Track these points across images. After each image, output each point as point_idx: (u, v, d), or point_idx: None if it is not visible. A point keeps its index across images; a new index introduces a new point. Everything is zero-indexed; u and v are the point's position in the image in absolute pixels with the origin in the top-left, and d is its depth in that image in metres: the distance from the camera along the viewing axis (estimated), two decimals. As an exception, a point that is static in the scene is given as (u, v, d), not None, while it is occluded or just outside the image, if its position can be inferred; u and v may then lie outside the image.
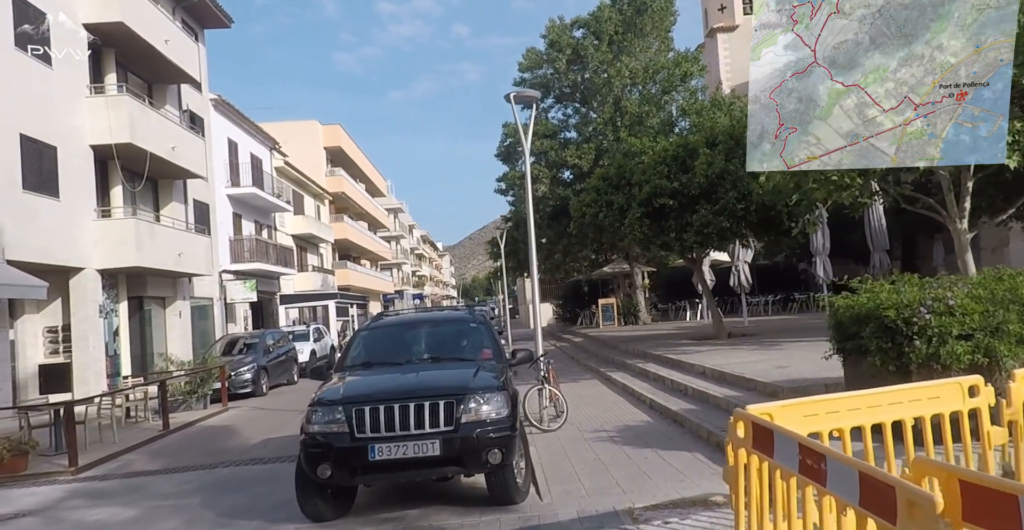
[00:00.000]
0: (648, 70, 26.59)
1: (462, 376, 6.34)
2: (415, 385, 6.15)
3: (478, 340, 7.55)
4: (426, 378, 6.40)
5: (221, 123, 28.11)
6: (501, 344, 7.80)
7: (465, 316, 8.20)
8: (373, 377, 6.72)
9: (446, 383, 6.21)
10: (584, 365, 18.49)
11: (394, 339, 7.68)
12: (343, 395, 6.08)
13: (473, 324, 7.78)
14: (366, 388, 6.36)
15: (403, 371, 6.63)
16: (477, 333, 7.65)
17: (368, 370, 7.02)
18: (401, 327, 8.02)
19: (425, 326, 8.01)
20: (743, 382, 9.70)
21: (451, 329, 7.92)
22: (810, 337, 15.20)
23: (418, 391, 5.96)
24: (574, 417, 10.46)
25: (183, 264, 21.09)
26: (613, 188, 17.58)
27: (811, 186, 11.77)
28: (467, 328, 7.80)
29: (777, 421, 4.18)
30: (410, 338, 7.66)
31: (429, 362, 7.09)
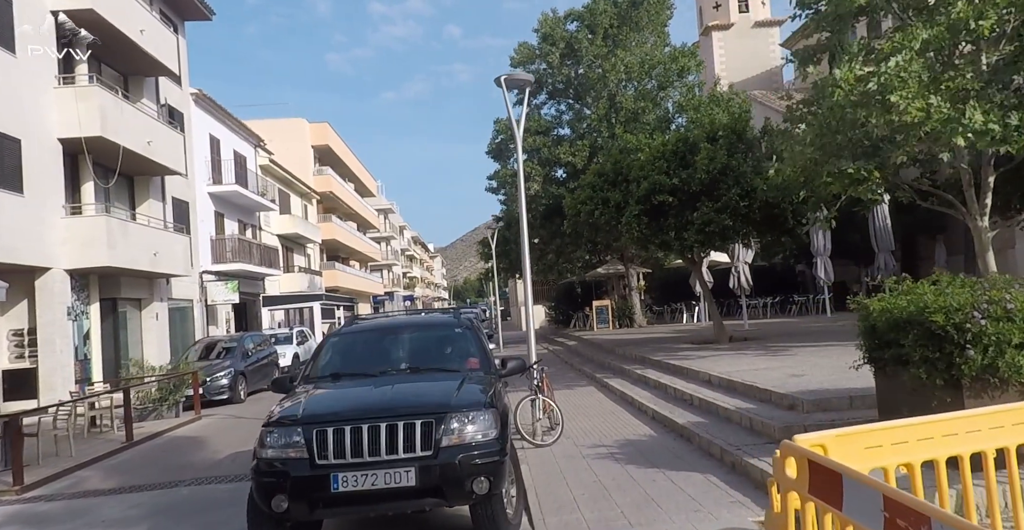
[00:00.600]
0: (644, 65, 25.77)
1: (444, 390, 5.48)
2: (388, 401, 5.27)
3: (464, 348, 6.69)
4: (402, 393, 5.52)
5: (202, 119, 27.15)
6: (490, 352, 6.94)
7: (449, 320, 7.32)
8: (340, 391, 5.85)
9: (425, 399, 5.35)
10: (579, 370, 17.64)
11: (368, 346, 6.79)
12: (303, 413, 5.20)
13: (458, 329, 6.91)
14: (331, 405, 5.49)
15: (376, 384, 5.74)
16: (463, 340, 6.78)
17: (336, 383, 6.15)
18: (376, 333, 7.13)
19: (403, 332, 7.13)
20: (755, 392, 8.86)
21: (433, 335, 7.03)
22: (819, 342, 14.41)
23: (392, 409, 5.09)
24: (570, 430, 9.61)
25: (159, 264, 20.14)
26: (609, 185, 16.75)
27: (825, 180, 10.96)
28: (451, 334, 6.93)
29: (833, 454, 3.32)
30: (386, 345, 6.78)
31: (407, 373, 6.22)
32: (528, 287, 10.18)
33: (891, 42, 9.96)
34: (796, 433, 7.21)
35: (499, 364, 6.62)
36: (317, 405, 5.42)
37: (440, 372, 6.19)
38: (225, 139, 29.41)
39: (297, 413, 5.21)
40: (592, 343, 21.93)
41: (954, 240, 29.15)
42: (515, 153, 28.55)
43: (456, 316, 7.22)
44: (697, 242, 15.58)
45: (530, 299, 10.12)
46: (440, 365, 6.39)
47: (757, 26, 47.56)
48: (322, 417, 5.11)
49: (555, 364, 20.07)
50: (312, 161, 45.31)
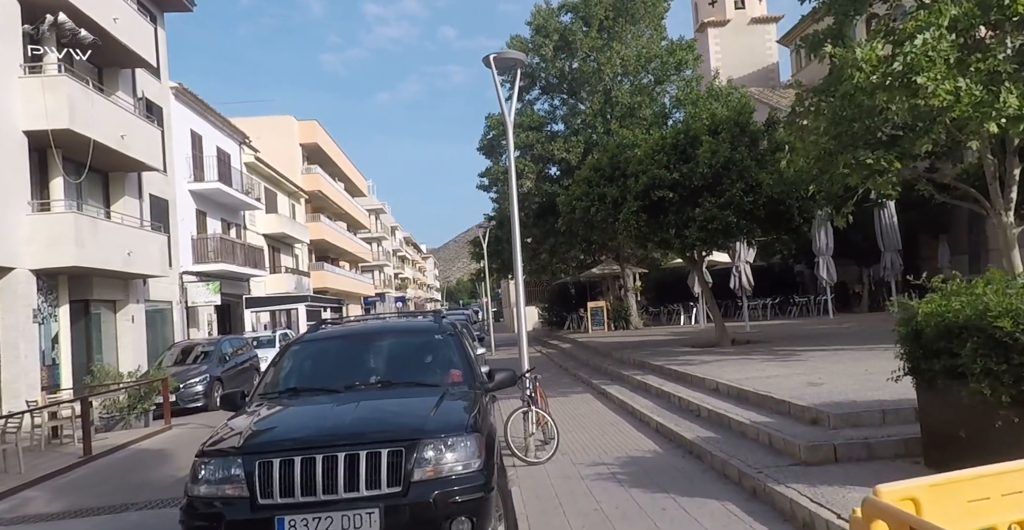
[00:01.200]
0: (640, 59, 24.94)
1: (418, 410, 4.61)
2: (350, 425, 4.37)
3: (445, 357, 5.81)
4: (368, 414, 4.62)
5: (183, 114, 26.19)
6: (476, 361, 6.07)
7: (429, 325, 6.42)
8: (295, 411, 4.96)
9: (394, 421, 4.47)
10: (574, 375, 16.78)
11: (333, 356, 5.89)
12: (245, 439, 4.31)
13: (439, 336, 6.02)
14: (280, 429, 4.60)
15: (339, 402, 4.84)
16: (444, 348, 5.89)
17: (293, 400, 5.27)
18: (343, 340, 6.21)
19: (375, 339, 6.24)
20: (771, 403, 8.00)
21: (409, 343, 6.12)
22: (828, 345, 13.59)
23: (353, 434, 4.20)
24: (566, 444, 8.74)
25: (133, 264, 19.18)
26: (606, 180, 15.90)
27: (841, 171, 10.12)
28: (431, 341, 6.05)
29: (929, 511, 2.46)
30: (354, 355, 5.88)
31: (377, 388, 5.33)
32: (520, 288, 9.31)
33: (915, 21, 9.15)
34: (825, 453, 6.38)
35: (486, 375, 5.74)
36: (264, 429, 4.52)
37: (416, 387, 5.31)
38: (208, 135, 28.44)
39: (238, 439, 4.32)
40: (587, 346, 21.08)
41: (958, 239, 28.46)
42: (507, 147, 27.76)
43: (437, 320, 6.33)
44: (699, 240, 14.76)
45: (522, 301, 9.25)
46: (417, 378, 5.50)
47: (753, 22, 46.84)
48: (268, 444, 4.22)
49: (549, 368, 19.21)
50: (300, 159, 44.33)
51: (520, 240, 26.39)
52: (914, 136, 9.78)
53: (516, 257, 9.33)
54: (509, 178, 9.66)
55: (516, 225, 9.34)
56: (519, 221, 26.82)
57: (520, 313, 9.03)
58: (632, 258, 27.78)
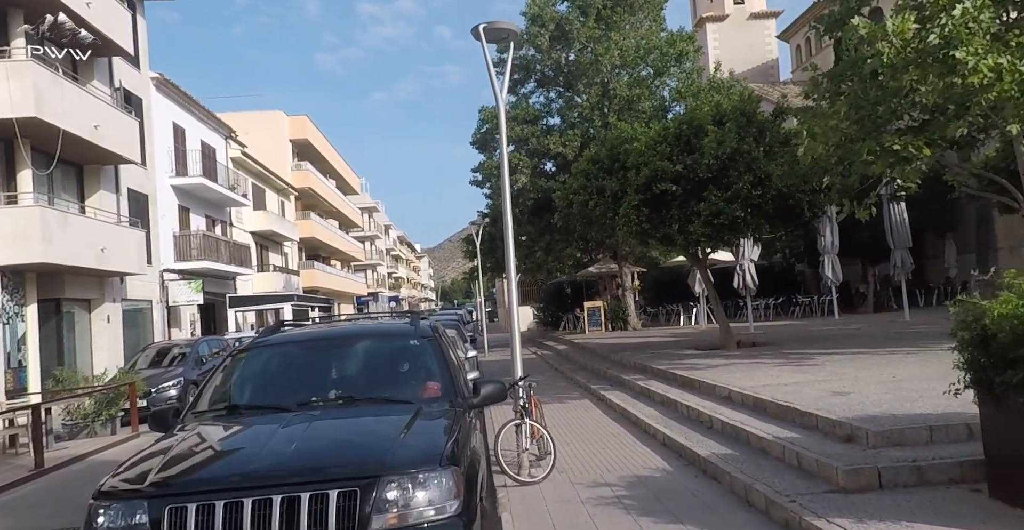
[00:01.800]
0: (639, 50, 24.04)
1: (383, 435, 3.72)
2: (293, 457, 3.45)
3: (421, 367, 4.89)
4: (317, 441, 3.71)
5: (165, 106, 25.22)
6: (459, 370, 5.16)
7: (403, 329, 5.46)
8: (228, 437, 4.05)
9: (351, 451, 3.56)
10: (571, 379, 15.89)
11: (286, 366, 4.95)
12: (157, 478, 3.40)
13: (414, 341, 5.09)
14: (203, 463, 3.68)
15: (285, 424, 3.91)
16: (420, 356, 4.96)
17: (232, 420, 4.36)
18: (301, 347, 5.23)
19: (339, 345, 5.28)
20: (793, 415, 7.12)
21: (379, 350, 5.17)
22: (842, 348, 12.73)
23: (296, 470, 3.30)
24: (564, 460, 7.85)
25: (107, 261, 18.23)
26: (605, 172, 15.01)
27: (865, 158, 9.24)
28: (405, 348, 5.12)
29: None
30: (312, 365, 4.94)
31: (337, 406, 4.40)
32: (513, 288, 8.42)
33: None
34: (868, 478, 5.44)
35: (471, 388, 4.83)
36: (183, 462, 3.61)
37: (384, 404, 4.39)
38: (191, 128, 27.46)
39: (148, 475, 3.41)
40: (584, 348, 20.19)
41: (965, 238, 27.68)
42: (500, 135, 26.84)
43: (414, 323, 5.38)
44: (704, 236, 13.87)
45: (515, 302, 8.35)
46: (385, 393, 4.57)
47: (752, 18, 46.08)
48: (184, 484, 3.31)
49: (544, 371, 18.33)
50: (291, 155, 43.38)
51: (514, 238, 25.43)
52: (945, 120, 8.92)
53: (508, 254, 8.43)
54: (501, 165, 8.76)
55: (508, 217, 8.44)
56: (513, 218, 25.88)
57: (513, 314, 8.14)
58: (630, 256, 26.90)
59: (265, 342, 5.17)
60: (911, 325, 17.29)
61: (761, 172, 13.45)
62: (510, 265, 8.54)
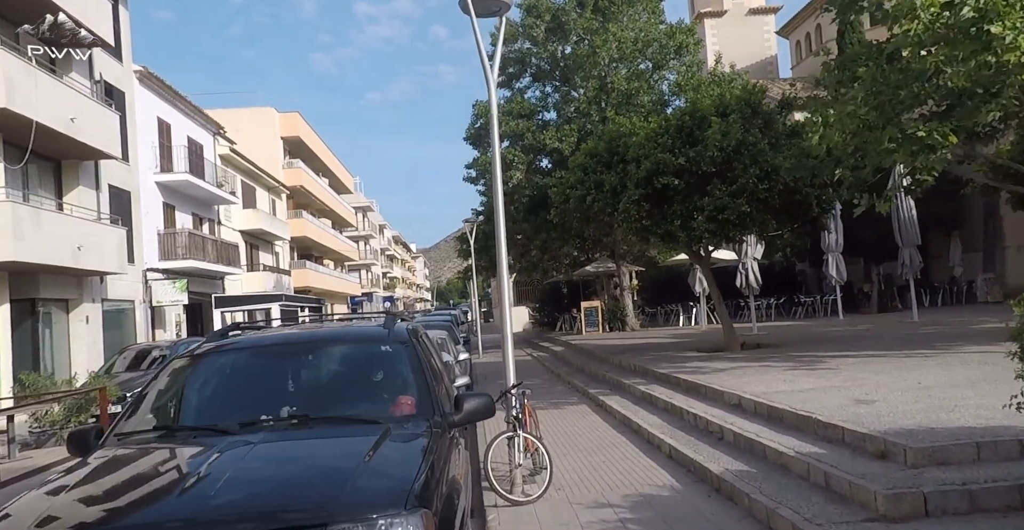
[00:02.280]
0: (638, 42, 23.35)
1: (337, 467, 3.02)
2: (217, 499, 2.72)
3: (394, 378, 4.17)
4: (256, 474, 2.99)
5: (149, 100, 24.46)
6: (441, 380, 4.44)
7: (374, 332, 4.71)
8: (149, 470, 3.31)
9: (293, 491, 2.83)
10: (567, 383, 15.19)
11: (234, 378, 4.24)
12: (31, 525, 2.69)
13: (387, 347, 4.35)
14: (99, 507, 2.94)
15: (224, 450, 3.20)
16: (393, 364, 4.24)
17: (163, 443, 3.65)
18: (252, 354, 4.44)
19: (297, 353, 4.45)
20: (815, 427, 6.43)
21: (345, 358, 4.42)
22: (853, 350, 12.05)
23: (218, 518, 2.59)
24: (561, 474, 7.16)
25: (84, 260, 17.49)
26: (603, 166, 14.31)
27: (886, 146, 8.56)
28: (375, 355, 4.39)
29: None
30: (264, 376, 4.22)
31: (289, 427, 3.68)
32: (505, 287, 7.71)
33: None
34: (912, 504, 4.52)
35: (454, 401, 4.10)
36: (75, 506, 2.88)
37: (345, 424, 3.66)
38: (177, 124, 26.70)
39: (24, 524, 2.69)
40: (582, 349, 19.50)
41: (971, 236, 27.03)
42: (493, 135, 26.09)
43: (388, 325, 4.62)
44: (707, 232, 13.17)
45: (508, 302, 7.64)
46: (348, 410, 3.84)
47: (751, 13, 45.46)
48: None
49: (540, 374, 17.63)
50: (282, 153, 42.61)
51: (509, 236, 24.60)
52: (974, 104, 8.25)
53: (500, 250, 7.73)
54: (493, 151, 8.05)
55: (500, 206, 7.74)
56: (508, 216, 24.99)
57: (506, 315, 7.44)
58: (628, 255, 26.21)
59: (209, 349, 4.41)
60: (921, 326, 16.64)
61: (768, 165, 12.79)
62: (502, 264, 7.84)
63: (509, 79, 26.71)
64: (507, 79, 26.69)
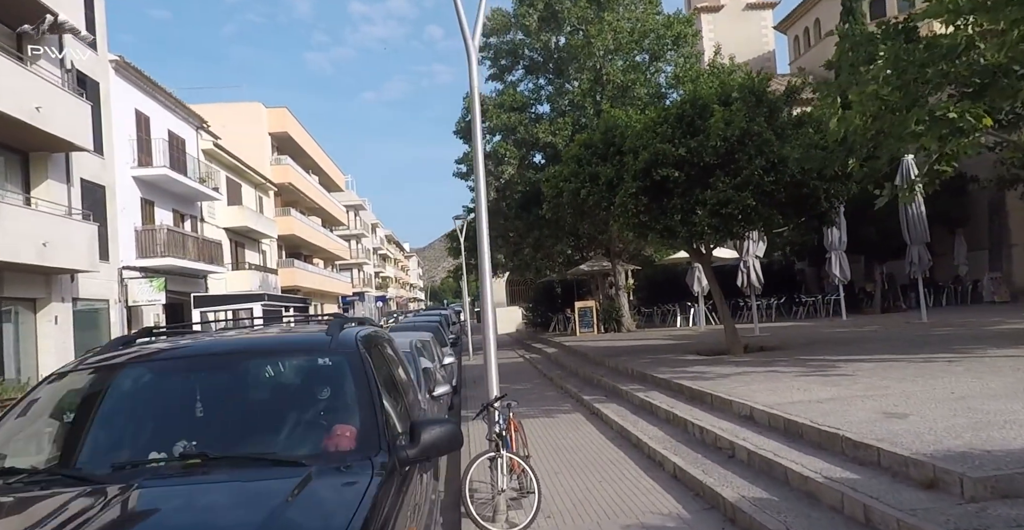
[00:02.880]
0: (634, 33, 22.51)
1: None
2: None
3: (332, 400, 3.27)
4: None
5: (125, 91, 23.51)
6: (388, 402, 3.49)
7: (312, 341, 3.74)
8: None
9: None
10: (560, 388, 14.34)
11: (120, 403, 3.35)
12: None
13: (325, 359, 3.46)
14: None
15: (85, 509, 2.32)
16: (333, 382, 3.35)
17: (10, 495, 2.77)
18: (150, 371, 3.50)
19: (210, 368, 3.47)
20: (844, 446, 5.59)
21: (268, 375, 3.59)
22: (866, 354, 11.22)
23: None
24: (551, 498, 6.31)
25: (50, 257, 16.56)
26: (599, 158, 13.47)
27: (913, 129, 7.73)
28: (310, 370, 3.51)
29: None
30: (161, 401, 3.34)
31: (179, 473, 2.77)
32: (487, 285, 6.84)
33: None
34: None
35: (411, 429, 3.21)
36: None
37: (257, 467, 2.79)
38: (157, 117, 25.74)
39: None
40: (576, 352, 18.65)
41: (976, 234, 26.27)
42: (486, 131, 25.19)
43: (333, 330, 3.61)
44: (710, 228, 12.33)
45: (490, 303, 6.77)
46: (263, 447, 2.97)
47: (749, 8, 44.71)
48: None
49: (531, 378, 16.78)
50: (270, 149, 41.64)
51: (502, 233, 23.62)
52: (1011, 82, 7.43)
53: (483, 248, 6.86)
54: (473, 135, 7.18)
55: (482, 192, 6.86)
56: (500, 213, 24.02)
57: (488, 317, 6.58)
58: (624, 253, 25.36)
59: (96, 363, 3.46)
60: (931, 327, 15.85)
61: (774, 155, 11.97)
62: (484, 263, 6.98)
63: (501, 71, 25.86)
64: (499, 71, 25.83)
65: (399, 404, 3.54)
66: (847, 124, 8.30)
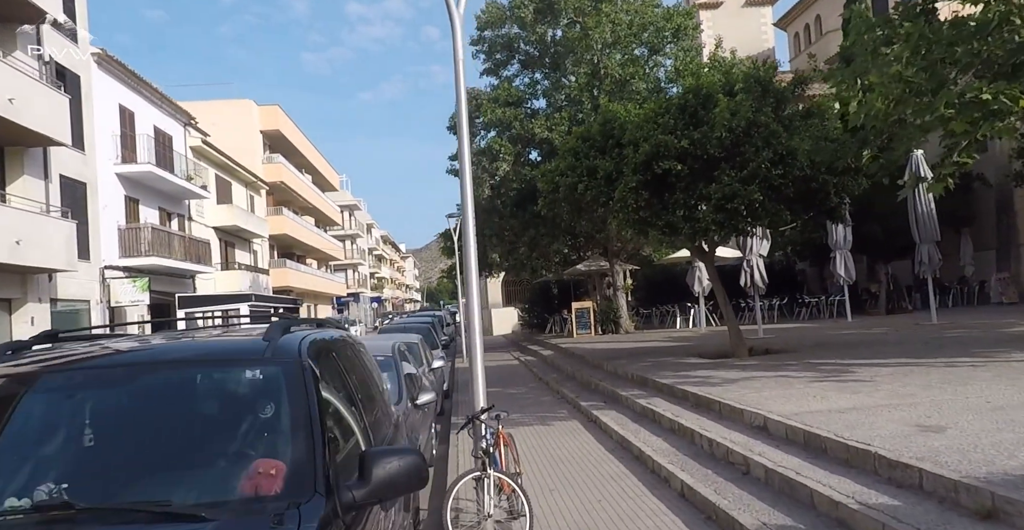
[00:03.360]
0: (633, 25, 21.85)
1: None
2: None
3: (260, 425, 2.60)
4: None
5: (109, 85, 22.80)
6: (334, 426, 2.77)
7: (243, 349, 3.05)
8: None
9: None
10: (556, 393, 13.66)
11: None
12: None
13: (254, 373, 2.74)
14: None
15: None
16: (260, 403, 2.68)
17: None
18: (35, 387, 2.76)
19: (110, 384, 2.75)
20: (876, 464, 4.92)
21: (183, 393, 2.79)
22: (881, 358, 10.57)
23: None
24: (544, 522, 5.63)
25: (23, 255, 15.87)
26: (597, 151, 12.81)
27: (942, 112, 7.07)
28: (234, 388, 2.82)
29: None
30: (44, 426, 2.63)
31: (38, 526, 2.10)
32: (474, 289, 6.17)
33: None
34: None
35: (359, 464, 2.51)
36: None
37: (139, 524, 2.10)
38: (142, 112, 25.03)
39: None
40: (573, 354, 17.97)
41: (983, 233, 25.65)
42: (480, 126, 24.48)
43: (272, 335, 2.89)
44: (714, 224, 11.67)
45: (476, 305, 6.10)
46: (157, 495, 2.29)
47: (748, 5, 44.11)
48: None
49: (527, 381, 16.10)
50: (261, 148, 40.94)
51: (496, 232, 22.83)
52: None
53: (468, 243, 6.20)
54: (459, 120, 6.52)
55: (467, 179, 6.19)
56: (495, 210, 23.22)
57: (474, 320, 5.91)
58: (622, 253, 24.70)
59: None
60: (942, 329, 15.20)
61: (783, 148, 11.33)
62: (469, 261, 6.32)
63: (496, 66, 25.17)
64: (494, 66, 25.15)
65: (358, 426, 2.87)
66: (868, 108, 7.63)
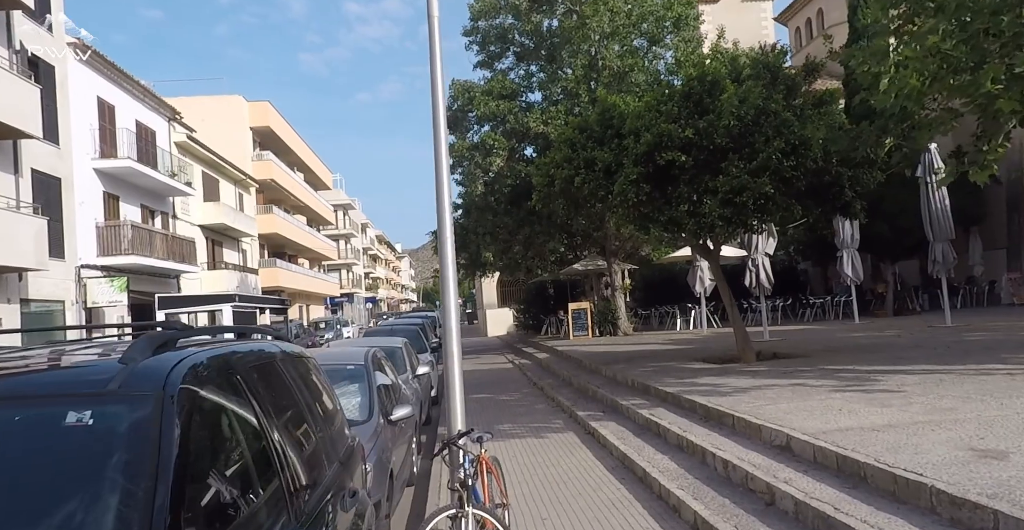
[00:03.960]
0: (632, 14, 21.04)
1: None
2: None
3: (93, 489, 1.74)
4: None
5: (87, 77, 21.92)
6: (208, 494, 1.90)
7: (81, 377, 2.14)
8: None
9: None
10: (551, 399, 12.81)
11: None
12: None
13: (82, 416, 1.82)
14: None
15: None
16: (91, 459, 1.79)
17: None
18: None
19: None
20: (936, 501, 4.09)
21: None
22: (903, 364, 9.74)
23: None
24: (535, 563, 4.78)
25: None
26: (595, 142, 11.96)
27: (989, 88, 6.25)
28: (52, 436, 1.86)
29: None
30: None
31: None
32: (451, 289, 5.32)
33: None
34: None
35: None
36: None
37: None
38: (123, 106, 24.14)
39: None
40: (569, 357, 17.13)
41: (993, 232, 24.88)
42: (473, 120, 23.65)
43: (134, 355, 2.06)
44: (721, 219, 10.82)
45: (454, 304, 5.25)
46: None
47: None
48: None
49: (520, 387, 15.24)
50: (251, 145, 40.04)
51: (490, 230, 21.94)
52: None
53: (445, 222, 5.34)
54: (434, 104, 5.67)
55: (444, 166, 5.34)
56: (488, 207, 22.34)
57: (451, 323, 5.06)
58: (620, 252, 23.86)
59: None
60: (959, 331, 14.40)
61: (795, 137, 10.50)
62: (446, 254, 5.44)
63: (490, 59, 24.33)
64: (488, 58, 24.31)
65: (268, 479, 2.03)
66: (901, 86, 6.80)
